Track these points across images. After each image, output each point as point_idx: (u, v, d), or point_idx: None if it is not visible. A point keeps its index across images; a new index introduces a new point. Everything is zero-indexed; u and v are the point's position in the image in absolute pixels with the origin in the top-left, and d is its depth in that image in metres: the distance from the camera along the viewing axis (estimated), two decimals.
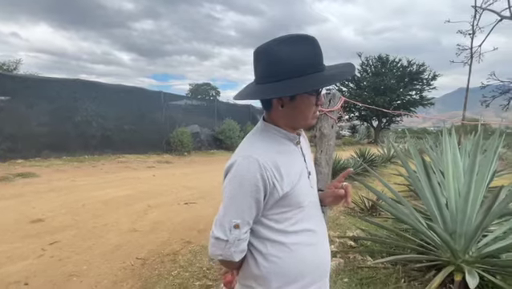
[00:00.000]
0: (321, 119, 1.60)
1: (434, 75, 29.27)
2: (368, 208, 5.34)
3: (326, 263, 1.08)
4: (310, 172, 1.08)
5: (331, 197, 1.12)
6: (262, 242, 1.00)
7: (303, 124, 1.02)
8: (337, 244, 3.76)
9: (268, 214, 0.99)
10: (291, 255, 0.98)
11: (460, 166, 3.08)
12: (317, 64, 0.93)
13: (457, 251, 2.78)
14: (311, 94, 0.96)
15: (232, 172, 0.96)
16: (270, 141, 1.01)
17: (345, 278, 3.02)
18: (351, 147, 20.04)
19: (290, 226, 0.99)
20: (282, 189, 0.95)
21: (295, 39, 0.92)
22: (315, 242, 1.04)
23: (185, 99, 17.26)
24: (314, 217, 1.07)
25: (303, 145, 1.12)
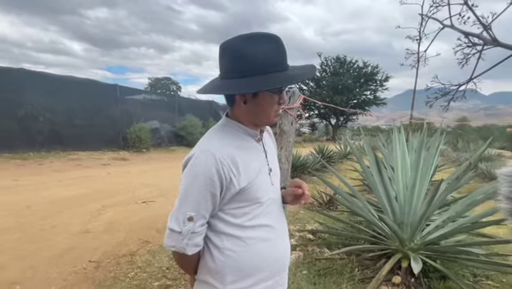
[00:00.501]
0: (281, 116, 1.63)
1: (386, 77, 31.32)
2: (326, 202, 5.57)
3: (284, 258, 1.11)
4: (272, 170, 1.09)
5: (291, 196, 1.17)
6: (218, 236, 1.01)
7: (265, 121, 1.04)
8: (297, 238, 3.88)
9: (225, 209, 1.00)
10: (247, 249, 1.00)
11: (407, 161, 3.34)
12: (280, 63, 0.95)
13: (404, 240, 3.02)
14: (274, 92, 0.97)
15: (188, 165, 0.97)
16: (229, 137, 1.02)
17: (304, 270, 3.13)
18: (310, 144, 20.71)
19: (248, 221, 1.01)
20: (238, 184, 0.96)
21: (261, 37, 0.95)
22: (273, 237, 1.05)
23: (144, 93, 16.53)
24: (274, 213, 1.08)
25: (266, 142, 1.14)
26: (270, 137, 1.24)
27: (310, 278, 2.95)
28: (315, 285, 2.84)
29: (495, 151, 19.59)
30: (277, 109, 1.02)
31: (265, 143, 1.12)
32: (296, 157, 8.68)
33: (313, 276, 2.99)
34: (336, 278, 2.95)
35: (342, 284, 2.83)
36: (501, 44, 2.39)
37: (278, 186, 1.15)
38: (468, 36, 2.71)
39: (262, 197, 1.02)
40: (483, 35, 2.56)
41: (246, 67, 0.93)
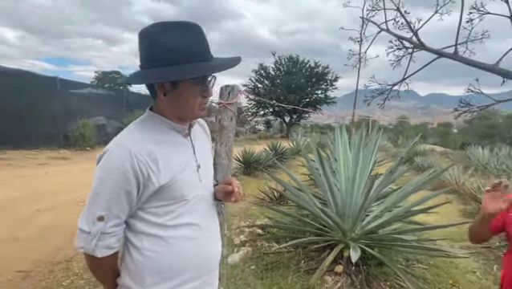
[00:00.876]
0: (220, 111, 1.61)
1: (336, 77, 32.93)
2: (277, 198, 5.69)
3: (212, 258, 1.07)
4: (201, 166, 1.05)
5: (222, 193, 1.14)
6: (137, 237, 0.95)
7: (189, 114, 0.99)
8: (246, 233, 3.90)
9: (145, 208, 0.94)
10: (169, 249, 0.95)
11: (349, 157, 3.54)
12: (199, 53, 0.91)
13: (345, 231, 3.20)
14: (195, 83, 0.93)
15: (102, 161, 0.90)
16: (150, 131, 0.96)
17: (252, 265, 3.16)
18: (265, 141, 21.01)
19: (171, 220, 0.95)
20: (158, 181, 0.90)
21: (178, 26, 0.90)
22: (200, 236, 1.01)
23: (90, 87, 15.35)
24: (201, 211, 1.04)
25: (197, 138, 1.09)
26: (204, 133, 1.19)
27: (257, 273, 2.99)
28: (262, 279, 2.88)
29: (429, 146, 21.77)
30: (201, 102, 0.97)
31: (194, 138, 1.07)
32: (249, 154, 8.74)
33: (261, 271, 3.03)
34: (283, 271, 3.02)
35: (288, 277, 2.92)
36: (427, 48, 2.63)
37: (208, 183, 1.11)
38: (400, 40, 2.93)
39: (187, 195, 0.98)
40: (413, 40, 2.79)
41: (161, 57, 0.88)
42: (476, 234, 1.56)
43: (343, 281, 2.85)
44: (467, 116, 2.32)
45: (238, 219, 4.60)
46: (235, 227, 4.20)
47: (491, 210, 1.34)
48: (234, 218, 4.66)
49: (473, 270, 3.57)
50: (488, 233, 1.52)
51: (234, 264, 3.17)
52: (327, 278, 2.91)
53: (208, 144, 1.20)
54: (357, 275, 2.95)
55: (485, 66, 2.26)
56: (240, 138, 23.36)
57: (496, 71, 2.20)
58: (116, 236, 0.91)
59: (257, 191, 6.59)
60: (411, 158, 13.39)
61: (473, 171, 9.17)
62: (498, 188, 1.32)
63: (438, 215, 5.93)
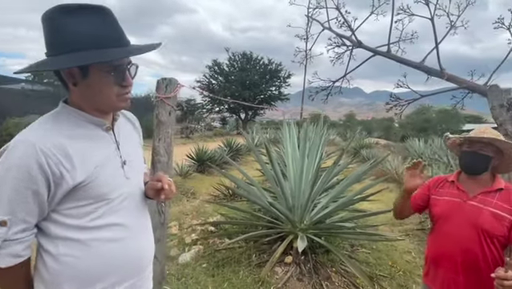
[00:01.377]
0: (158, 106, 1.54)
1: (289, 74, 33.83)
2: (231, 194, 5.68)
3: (140, 258, 1.00)
4: (127, 162, 0.98)
5: (152, 190, 1.06)
6: (52, 242, 0.86)
7: (107, 106, 0.92)
8: (198, 232, 3.84)
9: (61, 209, 0.86)
10: (90, 253, 0.87)
11: (297, 151, 3.65)
12: (109, 38, 0.84)
13: (295, 222, 3.30)
14: (107, 71, 0.86)
15: (2, 158, 0.80)
16: (62, 125, 0.87)
17: (204, 263, 3.12)
18: (221, 138, 20.86)
19: (91, 221, 0.88)
20: (73, 179, 0.83)
21: (86, 9, 0.82)
22: (125, 236, 0.94)
23: (24, 82, 13.86)
24: (127, 210, 0.97)
25: (122, 132, 1.02)
26: (133, 127, 1.12)
27: (209, 271, 2.96)
28: (214, 277, 2.86)
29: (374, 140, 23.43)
30: (120, 92, 0.90)
31: (119, 133, 1.00)
32: (202, 152, 8.60)
33: (212, 268, 3.00)
34: (235, 266, 3.03)
35: (240, 271, 2.93)
36: (363, 46, 2.80)
37: (137, 180, 1.04)
38: (341, 38, 3.08)
39: (109, 193, 0.90)
40: (352, 38, 2.95)
41: (68, 42, 0.81)
42: (399, 211, 1.73)
43: (292, 271, 2.94)
44: (397, 110, 2.53)
45: (191, 218, 4.50)
46: (187, 226, 4.11)
47: (410, 186, 1.54)
48: (186, 217, 4.55)
49: (409, 251, 3.91)
50: (409, 210, 1.70)
51: (185, 263, 3.10)
52: (278, 269, 2.98)
53: (137, 138, 1.13)
54: (305, 264, 3.06)
55: (412, 63, 2.48)
56: (195, 135, 22.91)
57: (422, 68, 2.42)
58: (24, 242, 0.82)
59: (211, 189, 6.51)
60: (358, 151, 14.29)
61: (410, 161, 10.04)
62: (417, 167, 1.51)
63: (381, 203, 6.42)
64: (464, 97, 2.49)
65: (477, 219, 1.44)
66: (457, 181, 1.57)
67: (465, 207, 1.49)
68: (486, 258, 1.43)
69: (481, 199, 1.46)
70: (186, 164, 8.16)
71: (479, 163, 1.48)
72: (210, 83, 33.97)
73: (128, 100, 0.95)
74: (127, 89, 0.92)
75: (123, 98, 0.92)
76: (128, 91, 0.93)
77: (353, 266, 2.90)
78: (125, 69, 0.89)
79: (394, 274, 3.17)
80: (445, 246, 1.54)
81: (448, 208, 1.54)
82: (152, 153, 1.55)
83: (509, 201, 1.42)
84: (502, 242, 1.43)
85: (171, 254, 3.29)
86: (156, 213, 1.56)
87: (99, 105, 0.91)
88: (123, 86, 0.90)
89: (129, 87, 0.93)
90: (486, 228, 1.42)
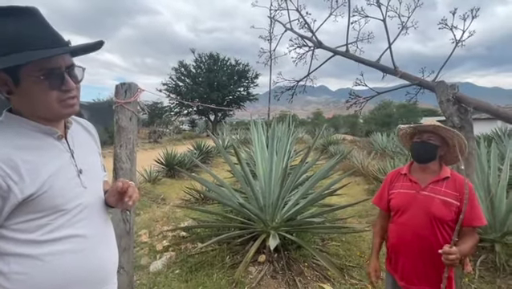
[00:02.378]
0: (117, 111, 1.49)
1: (256, 75, 34.01)
2: (202, 198, 5.62)
3: (102, 270, 0.97)
4: (83, 171, 0.95)
5: (113, 196, 1.03)
6: (2, 260, 0.82)
7: (50, 113, 0.87)
8: (170, 238, 3.76)
9: (9, 224, 0.81)
10: (45, 268, 0.84)
11: (266, 150, 3.69)
12: (37, 40, 0.80)
13: (266, 220, 3.34)
14: (39, 75, 0.81)
15: None
16: (7, 135, 0.83)
17: (176, 269, 3.06)
18: (190, 140, 20.53)
19: (45, 235, 0.84)
20: (21, 192, 0.79)
21: (11, 11, 0.78)
22: (84, 248, 0.91)
23: None
24: (87, 220, 0.94)
25: (76, 140, 0.98)
26: (88, 134, 1.09)
27: (182, 277, 2.91)
28: (187, 282, 2.82)
29: (341, 136, 24.30)
30: (60, 97, 0.85)
31: (72, 141, 0.97)
32: (171, 156, 8.43)
33: (185, 273, 2.96)
34: (208, 270, 3.01)
35: (213, 274, 2.91)
36: (323, 47, 2.90)
37: (96, 189, 1.01)
38: (303, 39, 3.16)
39: (64, 204, 0.87)
40: (313, 39, 3.04)
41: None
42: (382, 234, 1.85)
43: (265, 269, 2.97)
44: (357, 107, 2.65)
45: (161, 224, 4.39)
46: (157, 233, 4.00)
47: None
48: (157, 224, 4.43)
49: None
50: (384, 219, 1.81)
51: (157, 271, 3.03)
52: (251, 268, 3.00)
53: (94, 146, 1.09)
54: (279, 261, 3.11)
55: (368, 62, 2.61)
56: (163, 139, 22.33)
57: (377, 66, 2.56)
58: None
59: (181, 193, 6.40)
60: (326, 147, 14.74)
61: (374, 155, 10.54)
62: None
63: (349, 196, 6.69)
64: (417, 93, 2.67)
65: (430, 208, 1.56)
66: (408, 173, 1.69)
67: (418, 197, 1.61)
68: (440, 244, 1.54)
69: (432, 188, 1.58)
70: (155, 169, 7.95)
71: (428, 151, 1.61)
72: (177, 86, 33.28)
73: (75, 106, 0.90)
74: (69, 93, 0.87)
75: (66, 104, 0.87)
76: (72, 95, 0.88)
77: (324, 259, 2.99)
78: (63, 72, 0.85)
79: (363, 263, 3.31)
80: (403, 235, 1.64)
81: (404, 200, 1.65)
82: (114, 160, 1.51)
83: (455, 188, 1.55)
84: (452, 226, 1.56)
85: (141, 263, 3.20)
86: (121, 221, 1.51)
87: (40, 113, 0.86)
88: (64, 90, 0.85)
89: (72, 91, 0.87)
90: (438, 215, 1.54)
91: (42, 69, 0.81)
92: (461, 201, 1.53)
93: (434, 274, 1.58)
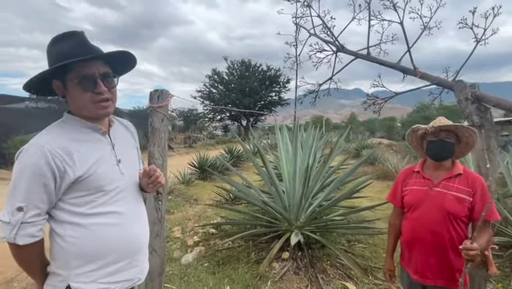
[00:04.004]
0: (151, 114, 1.73)
1: (288, 79, 34.12)
2: (232, 198, 5.84)
3: (135, 242, 1.16)
4: (121, 160, 1.16)
5: (145, 181, 1.24)
6: (60, 225, 1.04)
7: (87, 111, 1.08)
8: (200, 234, 4.00)
9: (65, 199, 1.04)
10: (90, 235, 1.04)
11: (290, 152, 3.81)
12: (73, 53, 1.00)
13: (291, 220, 3.45)
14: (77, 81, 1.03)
15: (18, 158, 1.00)
16: (66, 130, 1.07)
17: (205, 262, 3.28)
18: (223, 145, 21.07)
19: (91, 209, 1.05)
20: (74, 173, 1.01)
21: (63, 35, 1.05)
22: (121, 222, 1.11)
23: (28, 100, 14.24)
24: (124, 200, 1.14)
25: (117, 136, 1.21)
26: (128, 132, 1.31)
27: (210, 269, 3.11)
28: (215, 274, 3.01)
29: (376, 140, 23.45)
30: (94, 98, 1.05)
31: (114, 136, 1.19)
32: (204, 159, 8.80)
33: (213, 266, 3.16)
34: (234, 264, 3.18)
35: (239, 268, 3.08)
36: (345, 50, 2.98)
37: (131, 176, 1.22)
38: (327, 43, 3.26)
39: (105, 186, 1.08)
40: (335, 43, 3.13)
41: (49, 62, 1.05)
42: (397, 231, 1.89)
43: (289, 265, 3.08)
44: (376, 108, 2.69)
45: (193, 222, 4.67)
46: (189, 230, 4.27)
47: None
48: (189, 222, 4.72)
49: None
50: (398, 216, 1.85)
51: (188, 264, 3.26)
52: (275, 264, 3.12)
53: (132, 141, 1.31)
54: (302, 259, 3.20)
55: (389, 64, 2.64)
56: (197, 144, 23.12)
57: (397, 68, 2.60)
58: (38, 225, 1.00)
59: (213, 194, 6.68)
60: (359, 151, 14.38)
61: (408, 159, 10.13)
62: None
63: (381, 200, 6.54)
64: (440, 93, 2.65)
65: (443, 204, 1.59)
66: (421, 170, 1.74)
67: (431, 194, 1.64)
68: (453, 239, 1.58)
69: (445, 185, 1.62)
70: (188, 172, 8.36)
71: (446, 149, 1.64)
72: (211, 92, 34.36)
73: (108, 108, 1.10)
74: (101, 96, 1.06)
75: (99, 105, 1.07)
76: (104, 97, 1.07)
77: (347, 258, 3.03)
78: (96, 78, 1.05)
79: None
80: (417, 230, 1.68)
81: (417, 196, 1.70)
82: (148, 157, 1.74)
83: (467, 184, 1.58)
84: (465, 221, 1.59)
85: (174, 256, 3.46)
86: (154, 210, 1.74)
87: (81, 112, 1.09)
88: (96, 93, 1.05)
89: (104, 94, 1.07)
90: (451, 211, 1.57)
91: (78, 76, 1.03)
92: (473, 197, 1.55)
93: (447, 268, 1.61)
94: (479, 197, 1.55)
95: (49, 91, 1.13)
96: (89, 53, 1.04)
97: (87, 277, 1.05)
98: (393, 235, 1.90)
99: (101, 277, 1.07)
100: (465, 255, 1.39)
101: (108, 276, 1.08)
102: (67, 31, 1.06)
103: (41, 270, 1.08)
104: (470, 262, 1.42)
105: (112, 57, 1.11)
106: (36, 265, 1.07)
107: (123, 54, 1.13)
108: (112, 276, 1.09)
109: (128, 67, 1.21)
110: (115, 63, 1.14)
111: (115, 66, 1.14)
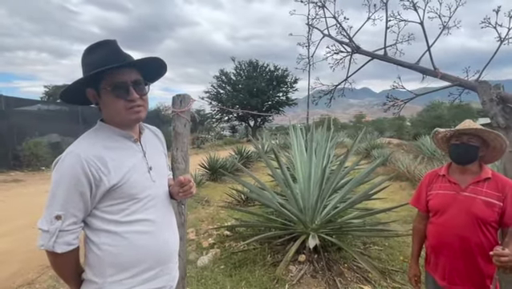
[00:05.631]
0: (174, 119, 1.74)
1: (295, 79, 34.02)
2: (244, 200, 5.84)
3: (167, 250, 1.17)
4: (152, 168, 1.17)
5: (176, 190, 1.25)
6: (95, 233, 1.05)
7: (120, 118, 1.09)
8: (215, 236, 4.01)
9: (100, 207, 1.05)
10: (125, 243, 1.05)
11: (304, 154, 3.79)
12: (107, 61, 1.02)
13: (306, 222, 3.43)
14: (111, 88, 1.05)
15: (56, 167, 1.01)
16: (99, 138, 1.08)
17: (221, 265, 3.28)
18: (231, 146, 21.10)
19: (125, 217, 1.06)
20: (109, 182, 1.02)
21: (97, 45, 1.08)
22: (153, 230, 1.11)
23: (40, 103, 14.50)
24: (155, 208, 1.14)
25: (148, 143, 1.22)
26: (157, 139, 1.32)
27: (226, 272, 3.11)
28: (231, 277, 3.01)
29: (386, 140, 23.17)
30: (126, 105, 1.07)
31: (145, 143, 1.19)
32: (214, 160, 8.82)
33: (229, 269, 3.16)
34: (251, 266, 3.18)
35: (255, 271, 3.08)
36: (361, 51, 2.95)
37: (162, 183, 1.22)
38: (341, 44, 3.23)
39: (138, 194, 1.09)
40: (351, 44, 3.10)
41: (83, 71, 1.08)
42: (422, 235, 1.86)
43: (305, 268, 3.06)
44: (396, 109, 2.65)
45: (206, 224, 4.68)
46: (203, 232, 4.28)
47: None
48: (202, 223, 4.73)
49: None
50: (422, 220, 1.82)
51: (204, 266, 3.27)
52: (292, 267, 3.11)
53: (161, 148, 1.32)
54: (319, 262, 3.18)
55: (408, 64, 2.60)
56: (206, 145, 23.20)
57: (416, 68, 2.56)
58: (75, 233, 1.01)
59: (224, 196, 6.69)
60: (369, 151, 14.24)
61: (421, 159, 9.99)
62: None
63: (394, 201, 6.46)
64: (460, 93, 2.60)
65: (471, 208, 1.56)
66: (447, 174, 1.70)
67: (458, 198, 1.61)
68: (482, 244, 1.54)
69: (473, 189, 1.58)
70: (199, 173, 8.39)
71: (469, 153, 1.61)
72: (218, 93, 34.47)
73: (140, 113, 1.10)
74: (133, 103, 1.08)
75: (131, 111, 1.08)
76: (136, 104, 1.09)
77: (365, 261, 3.00)
78: (128, 85, 1.06)
79: (406, 268, 3.24)
80: (444, 235, 1.65)
81: (443, 200, 1.66)
82: (172, 161, 1.74)
83: (497, 188, 1.54)
84: (495, 227, 1.55)
85: (190, 258, 3.47)
86: (177, 214, 1.74)
87: (114, 119, 1.11)
88: (129, 100, 1.07)
89: (136, 101, 1.08)
90: (480, 216, 1.54)
91: (111, 84, 1.05)
92: (504, 202, 1.52)
93: (476, 274, 1.57)
94: (510, 202, 1.51)
95: (82, 100, 1.15)
96: (121, 61, 1.05)
97: (122, 285, 1.06)
98: (418, 240, 1.87)
99: (135, 285, 1.07)
100: (496, 262, 1.36)
101: (142, 284, 1.09)
102: (100, 41, 1.08)
103: (76, 276, 1.09)
104: (502, 268, 1.39)
105: (143, 64, 1.12)
106: (72, 272, 1.08)
107: (153, 61, 1.14)
108: (146, 284, 1.10)
109: (159, 73, 1.22)
110: (146, 70, 1.15)
111: (146, 73, 1.15)
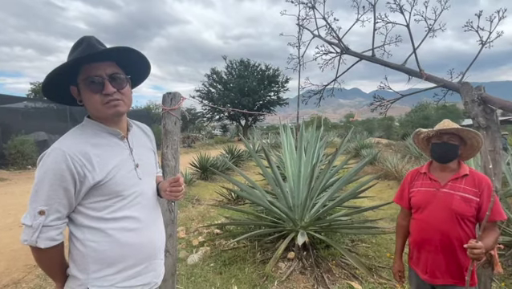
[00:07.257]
0: (164, 117, 1.75)
1: (287, 79, 34.13)
2: (234, 198, 5.87)
3: (152, 247, 1.17)
4: (139, 165, 1.17)
5: (166, 185, 1.26)
6: (79, 229, 1.05)
7: (98, 113, 1.08)
8: (205, 235, 4.02)
9: (85, 203, 1.05)
10: (109, 240, 1.05)
11: (294, 153, 3.84)
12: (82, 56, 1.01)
13: (295, 220, 3.48)
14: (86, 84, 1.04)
15: (40, 163, 1.01)
16: (85, 135, 1.08)
17: (211, 262, 3.30)
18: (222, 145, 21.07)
19: (109, 214, 1.06)
20: (93, 178, 1.02)
21: (79, 41, 1.06)
22: (138, 227, 1.12)
23: (26, 100, 14.16)
24: (141, 205, 1.14)
25: (135, 140, 1.22)
26: (146, 136, 1.32)
27: (216, 269, 3.14)
28: (221, 274, 3.03)
29: (375, 139, 23.51)
30: (103, 100, 1.05)
31: (132, 140, 1.19)
32: (205, 159, 8.80)
33: (219, 267, 3.18)
34: (240, 264, 3.21)
35: (245, 268, 3.11)
36: (350, 52, 3.00)
37: (149, 180, 1.23)
38: (331, 45, 3.28)
39: (123, 191, 1.08)
40: (340, 45, 3.15)
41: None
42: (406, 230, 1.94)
43: (294, 265, 3.11)
44: (382, 109, 2.72)
45: (197, 222, 4.68)
46: (193, 230, 4.29)
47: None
48: (192, 222, 4.73)
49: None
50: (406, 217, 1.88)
51: (194, 264, 3.28)
52: (281, 264, 3.15)
53: (149, 145, 1.32)
54: (307, 259, 3.23)
55: (394, 66, 2.67)
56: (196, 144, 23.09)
57: (403, 70, 2.63)
58: (58, 229, 1.01)
59: (215, 195, 6.70)
60: (358, 151, 14.44)
61: (408, 158, 10.20)
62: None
63: (382, 200, 6.59)
64: (445, 94, 2.69)
65: (451, 204, 1.63)
66: (428, 171, 1.77)
67: (438, 195, 1.68)
68: (461, 238, 1.61)
69: (451, 186, 1.65)
70: (190, 172, 8.37)
71: (450, 152, 1.68)
72: (209, 92, 34.33)
73: (117, 107, 1.07)
74: (109, 97, 1.06)
75: (108, 105, 1.06)
76: (113, 98, 1.06)
77: (352, 258, 3.07)
78: (103, 78, 1.05)
79: (392, 264, 3.32)
80: (425, 230, 1.71)
81: (424, 197, 1.73)
82: (161, 159, 1.76)
83: (474, 184, 1.61)
84: (473, 221, 1.62)
85: (180, 256, 3.47)
86: (167, 211, 1.76)
87: (94, 114, 1.10)
88: (104, 94, 1.05)
89: (113, 95, 1.06)
90: (459, 211, 1.61)
91: (87, 77, 1.04)
92: (480, 197, 1.59)
93: (456, 268, 1.64)
94: (486, 198, 1.58)
95: (70, 99, 1.14)
96: (96, 52, 1.03)
97: (106, 281, 1.06)
98: (401, 236, 1.94)
99: (119, 281, 1.08)
100: (470, 254, 1.43)
101: (126, 280, 1.09)
102: (83, 36, 1.06)
103: (61, 272, 1.10)
104: (475, 260, 1.46)
105: (121, 57, 1.10)
106: (56, 267, 1.08)
107: (127, 51, 1.08)
108: (130, 280, 1.10)
109: (142, 70, 1.20)
110: (126, 64, 1.12)
111: (129, 70, 1.14)
